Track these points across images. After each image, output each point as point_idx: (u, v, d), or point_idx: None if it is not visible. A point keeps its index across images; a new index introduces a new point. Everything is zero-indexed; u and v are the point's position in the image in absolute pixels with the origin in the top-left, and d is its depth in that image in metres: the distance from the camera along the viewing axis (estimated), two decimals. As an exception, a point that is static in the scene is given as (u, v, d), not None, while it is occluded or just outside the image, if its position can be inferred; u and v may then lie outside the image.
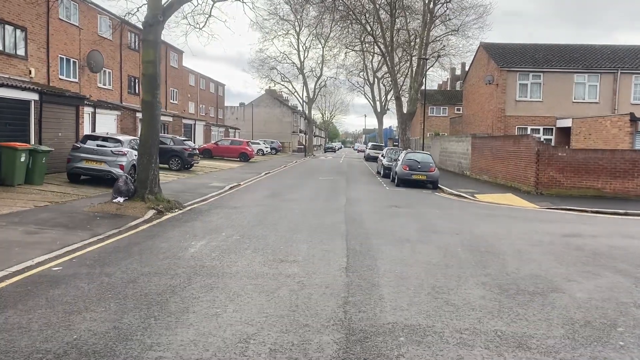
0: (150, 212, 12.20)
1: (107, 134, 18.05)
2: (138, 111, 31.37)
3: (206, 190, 17.79)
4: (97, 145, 16.70)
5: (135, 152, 17.44)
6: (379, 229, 11.03)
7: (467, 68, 75.09)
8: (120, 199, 12.83)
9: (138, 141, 18.75)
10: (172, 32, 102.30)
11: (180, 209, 13.26)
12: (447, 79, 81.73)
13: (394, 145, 52.80)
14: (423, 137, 37.29)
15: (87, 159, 16.44)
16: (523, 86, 28.38)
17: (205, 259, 7.81)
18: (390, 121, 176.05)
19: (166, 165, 25.51)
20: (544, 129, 28.14)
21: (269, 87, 70.21)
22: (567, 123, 26.76)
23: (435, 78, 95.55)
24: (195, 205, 14.19)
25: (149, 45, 12.79)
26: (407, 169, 22.36)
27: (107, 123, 26.58)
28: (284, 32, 57.17)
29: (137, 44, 35.39)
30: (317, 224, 11.52)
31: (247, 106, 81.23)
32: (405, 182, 22.54)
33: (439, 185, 22.38)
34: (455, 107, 57.30)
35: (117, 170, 16.29)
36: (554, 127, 28.04)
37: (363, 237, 9.97)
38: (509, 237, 10.65)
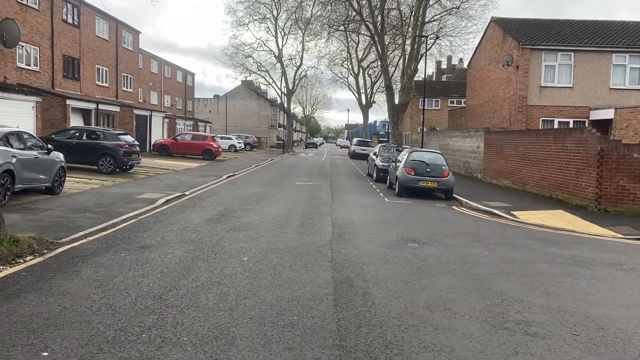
0: (-38, 270, 6.36)
1: (-30, 123, 12.00)
2: (72, 98, 25.18)
3: (125, 208, 11.91)
4: (-57, 141, 10.74)
5: (14, 152, 11.62)
6: (406, 322, 5.27)
7: (454, 61, 69.96)
8: None
9: (23, 135, 12.86)
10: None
11: (41, 254, 7.42)
12: (433, 72, 75.59)
13: (380, 142, 47.24)
14: (422, 131, 31.66)
15: None
16: (549, 68, 22.91)
17: None
18: (376, 116, 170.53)
19: (95, 167, 19.49)
20: (574, 121, 22.76)
21: (245, 77, 63.90)
22: (605, 114, 21.43)
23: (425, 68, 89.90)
24: (79, 243, 8.32)
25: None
26: (413, 173, 16.68)
27: (19, 112, 20.39)
28: (260, 17, 51.15)
29: (75, 17, 29.10)
30: (277, 303, 5.74)
31: (221, 98, 74.71)
32: (410, 191, 16.91)
33: (454, 194, 16.82)
34: (449, 99, 51.88)
35: (-27, 181, 10.35)
36: (586, 120, 22.66)
37: (380, 363, 4.21)
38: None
